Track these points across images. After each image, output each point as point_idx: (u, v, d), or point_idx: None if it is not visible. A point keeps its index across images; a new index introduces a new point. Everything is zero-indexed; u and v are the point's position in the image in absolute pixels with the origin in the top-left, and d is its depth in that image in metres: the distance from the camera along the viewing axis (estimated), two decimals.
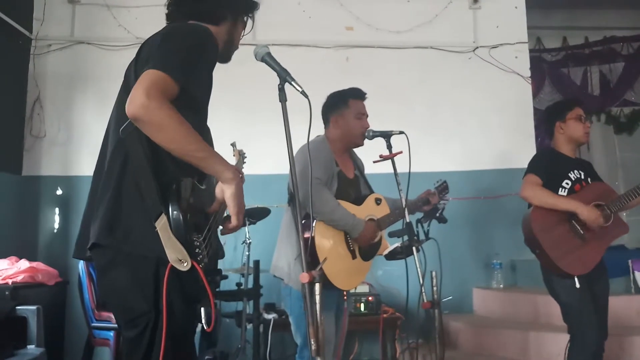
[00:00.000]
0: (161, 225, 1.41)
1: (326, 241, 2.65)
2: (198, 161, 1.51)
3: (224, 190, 1.57)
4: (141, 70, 1.51)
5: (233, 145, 2.36)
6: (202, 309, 1.54)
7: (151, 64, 1.49)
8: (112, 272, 1.52)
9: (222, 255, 1.77)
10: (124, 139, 1.51)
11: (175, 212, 1.42)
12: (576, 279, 2.78)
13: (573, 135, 3.05)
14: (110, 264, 1.52)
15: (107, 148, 1.62)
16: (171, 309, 1.45)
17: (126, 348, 1.55)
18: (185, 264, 1.41)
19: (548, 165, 3.00)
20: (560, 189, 2.95)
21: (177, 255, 1.40)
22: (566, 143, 3.07)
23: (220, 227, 1.71)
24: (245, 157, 2.35)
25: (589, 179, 3.02)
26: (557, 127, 3.08)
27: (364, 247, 2.77)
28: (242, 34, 1.96)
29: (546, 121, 3.18)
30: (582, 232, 2.86)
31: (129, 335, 1.52)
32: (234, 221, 1.61)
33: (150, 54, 1.57)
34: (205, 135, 1.73)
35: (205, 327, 1.56)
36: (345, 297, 2.84)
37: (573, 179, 2.97)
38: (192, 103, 1.59)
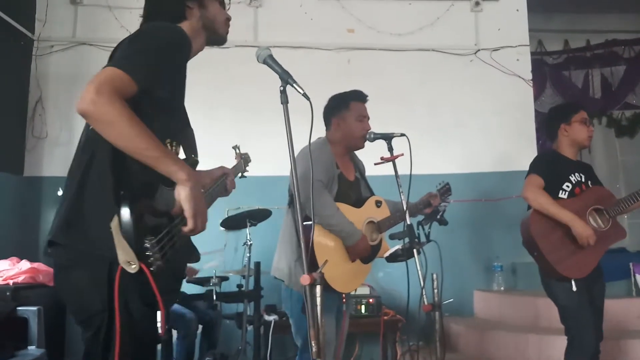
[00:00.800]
0: (114, 225, 1.39)
1: (326, 244, 2.65)
2: (149, 160, 1.46)
3: (179, 192, 1.51)
4: None
5: (235, 147, 2.34)
6: (158, 313, 1.49)
7: (112, 61, 1.48)
8: (69, 270, 1.50)
9: (196, 259, 1.74)
10: (92, 137, 1.49)
11: (126, 214, 1.39)
12: (573, 282, 2.78)
13: (577, 139, 3.04)
14: (67, 262, 1.50)
15: (82, 138, 1.61)
16: (128, 310, 1.43)
17: (85, 347, 1.54)
18: (133, 266, 1.38)
19: (549, 167, 3.00)
20: (561, 191, 2.95)
21: (125, 258, 1.38)
22: (569, 146, 3.07)
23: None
24: (249, 160, 2.33)
25: (589, 182, 3.02)
26: (561, 130, 3.07)
27: (355, 257, 2.76)
28: (226, 6, 1.90)
29: (550, 123, 3.17)
30: None
31: (87, 334, 1.51)
32: (189, 224, 1.52)
33: (119, 52, 1.56)
34: (184, 136, 1.71)
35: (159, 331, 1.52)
36: (344, 300, 2.84)
37: (574, 182, 2.97)
38: (156, 105, 1.56)
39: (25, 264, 3.90)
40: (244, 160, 2.36)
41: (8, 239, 4.53)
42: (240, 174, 2.34)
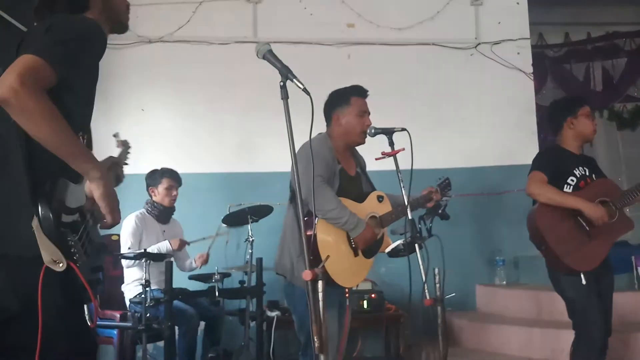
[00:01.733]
0: (35, 225, 1.38)
1: (328, 239, 2.65)
2: (65, 155, 1.44)
3: (93, 190, 1.51)
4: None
5: (115, 135, 2.30)
6: (86, 306, 1.53)
7: (30, 49, 1.42)
8: None
9: (107, 252, 1.75)
10: (4, 134, 1.47)
11: (44, 213, 1.39)
12: (582, 275, 2.77)
13: (583, 132, 3.03)
14: None
15: None
16: (50, 309, 1.41)
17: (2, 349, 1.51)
18: (60, 265, 1.39)
19: (553, 162, 2.99)
20: (566, 185, 2.94)
21: (51, 257, 1.38)
22: (574, 139, 3.05)
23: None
24: (130, 147, 2.29)
25: (593, 175, 3.01)
26: (567, 122, 3.04)
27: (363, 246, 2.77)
28: None
29: (555, 115, 3.14)
30: (587, 228, 2.85)
31: (4, 336, 1.47)
32: (108, 219, 1.56)
33: (32, 40, 1.51)
34: (88, 129, 1.69)
35: (89, 323, 1.55)
36: (347, 295, 2.84)
37: (578, 176, 2.96)
38: (73, 97, 1.54)
39: None
40: (124, 147, 2.32)
41: None
42: (124, 163, 2.31)
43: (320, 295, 1.62)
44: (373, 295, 4.22)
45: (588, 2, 6.64)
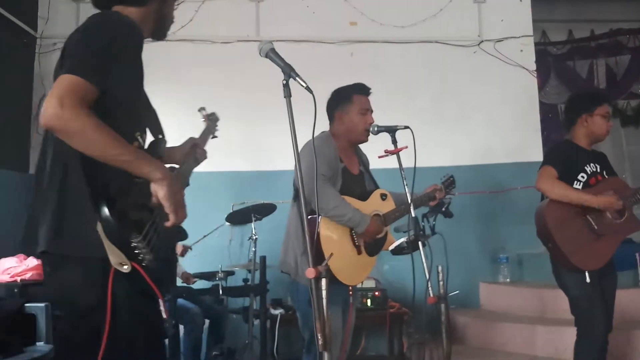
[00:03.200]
0: (100, 230, 1.41)
1: (332, 237, 2.65)
2: (123, 165, 1.46)
3: (157, 191, 1.52)
4: (60, 72, 1.47)
5: (201, 110, 2.30)
6: (161, 302, 1.56)
7: (67, 67, 1.45)
8: (60, 272, 1.52)
9: (184, 237, 1.76)
10: (60, 144, 1.47)
11: (105, 218, 1.41)
12: (587, 274, 2.76)
13: (596, 132, 3.00)
14: (58, 265, 1.52)
15: (48, 145, 1.58)
16: (118, 307, 1.45)
17: (69, 341, 1.57)
18: (126, 267, 1.41)
19: (565, 158, 2.96)
20: (576, 182, 2.91)
21: (117, 260, 1.41)
22: (585, 137, 3.02)
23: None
24: (218, 119, 2.29)
25: (604, 172, 2.99)
26: (582, 119, 3.00)
27: (369, 242, 2.77)
28: (174, 6, 1.88)
29: (571, 110, 3.10)
30: (595, 227, 2.84)
31: (75, 329, 1.53)
32: (172, 219, 1.55)
33: (69, 53, 1.53)
34: (148, 121, 1.71)
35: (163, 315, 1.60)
36: (350, 293, 2.84)
37: (589, 172, 2.94)
38: (118, 102, 1.55)
39: (32, 261, 3.92)
40: (211, 121, 2.33)
41: (15, 237, 4.54)
42: (211, 136, 2.33)
43: (324, 293, 1.63)
44: (377, 293, 4.22)
45: None
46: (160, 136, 1.73)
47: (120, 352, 1.48)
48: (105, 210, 1.41)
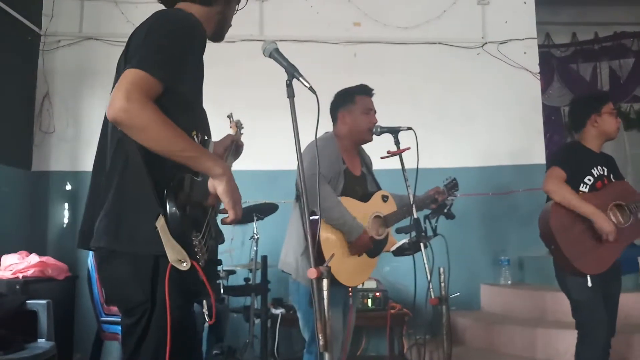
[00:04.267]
0: (160, 225, 1.41)
1: (332, 237, 2.65)
2: (185, 160, 1.48)
3: (216, 187, 1.54)
4: (124, 66, 1.48)
5: (230, 116, 2.33)
6: (205, 302, 1.58)
7: (133, 62, 1.46)
8: (113, 265, 1.53)
9: (222, 241, 1.77)
10: (123, 137, 1.49)
11: (172, 213, 1.41)
12: (588, 278, 2.75)
13: (607, 130, 2.97)
14: (112, 259, 1.53)
15: (107, 143, 1.61)
16: (175, 304, 1.46)
17: (123, 334, 1.60)
18: (185, 264, 1.42)
19: (573, 160, 2.93)
20: (582, 184, 2.89)
21: (177, 256, 1.41)
22: (596, 137, 2.99)
23: (221, 218, 1.70)
24: (242, 127, 2.33)
25: (611, 176, 2.97)
26: (591, 120, 2.97)
27: (355, 254, 2.75)
28: (235, 10, 1.89)
29: (578, 113, 3.08)
30: (599, 231, 2.82)
31: (126, 322, 1.56)
32: (231, 215, 1.58)
33: (135, 49, 1.55)
34: (202, 125, 1.71)
35: (207, 320, 1.62)
36: (350, 294, 2.84)
37: (596, 175, 2.91)
38: (180, 99, 1.56)
39: (34, 258, 3.94)
40: (238, 128, 2.36)
41: (17, 233, 4.56)
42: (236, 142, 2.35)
43: (325, 293, 1.63)
44: (377, 294, 4.22)
45: (595, 1, 6.61)
46: (207, 137, 1.74)
47: (173, 350, 1.49)
48: (172, 205, 1.42)
